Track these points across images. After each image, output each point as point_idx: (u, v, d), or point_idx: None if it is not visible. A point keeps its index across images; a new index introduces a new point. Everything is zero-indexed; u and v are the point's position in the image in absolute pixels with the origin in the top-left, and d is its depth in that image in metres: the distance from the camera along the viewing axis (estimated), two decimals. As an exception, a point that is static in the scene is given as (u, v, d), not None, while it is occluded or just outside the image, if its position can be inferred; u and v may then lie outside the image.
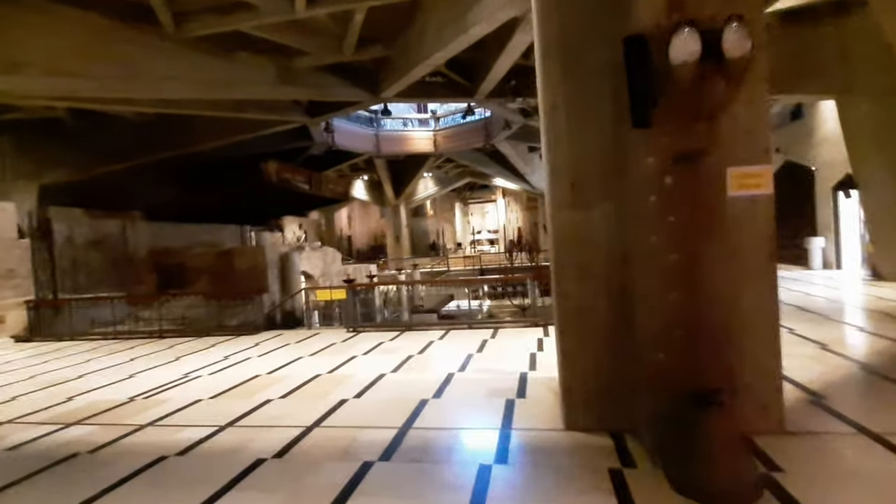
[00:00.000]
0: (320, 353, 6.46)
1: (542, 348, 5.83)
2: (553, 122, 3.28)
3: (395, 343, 6.80)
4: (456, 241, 33.36)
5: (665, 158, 2.59)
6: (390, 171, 23.14)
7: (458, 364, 5.29)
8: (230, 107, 11.74)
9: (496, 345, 6.23)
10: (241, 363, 6.14)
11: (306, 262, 17.38)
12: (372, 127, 19.76)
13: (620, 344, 3.10)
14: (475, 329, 7.37)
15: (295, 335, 7.95)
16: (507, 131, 16.98)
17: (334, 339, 7.29)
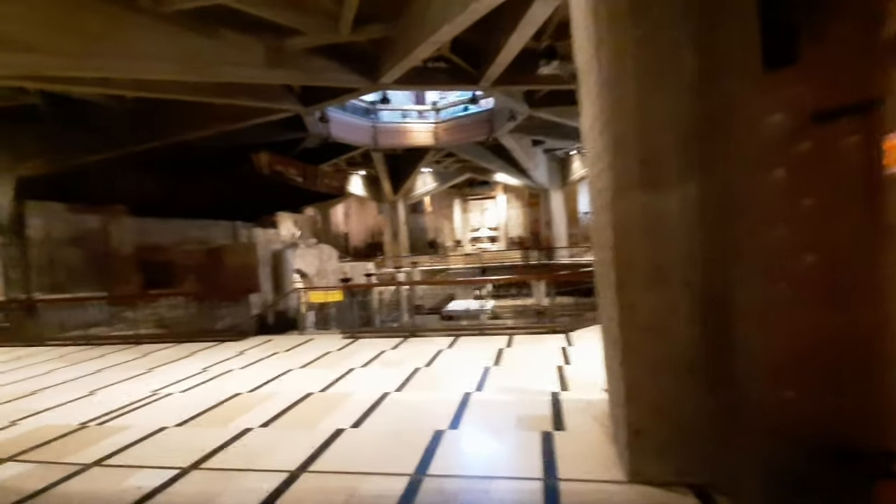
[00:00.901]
0: (313, 364, 5.66)
1: (569, 360, 5.06)
2: (615, 77, 2.49)
3: (398, 352, 6.01)
4: (455, 238, 32.58)
5: (801, 115, 1.81)
6: (388, 165, 22.30)
7: (474, 380, 4.51)
8: (216, 91, 10.89)
9: (514, 356, 5.45)
10: (220, 377, 5.33)
11: (301, 260, 16.56)
12: (369, 119, 18.92)
13: (710, 373, 2.33)
14: (487, 336, 6.59)
15: (285, 341, 7.14)
16: (512, 123, 16.19)
17: (329, 347, 6.49)
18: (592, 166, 3.02)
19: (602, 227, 2.74)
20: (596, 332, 6.84)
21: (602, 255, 2.87)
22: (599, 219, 2.82)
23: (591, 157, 3.08)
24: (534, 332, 6.52)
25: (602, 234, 2.78)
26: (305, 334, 7.53)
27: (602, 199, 2.67)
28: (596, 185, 2.90)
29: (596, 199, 2.92)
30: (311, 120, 14.33)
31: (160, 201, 15.03)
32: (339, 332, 7.19)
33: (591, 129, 3.00)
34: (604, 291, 2.92)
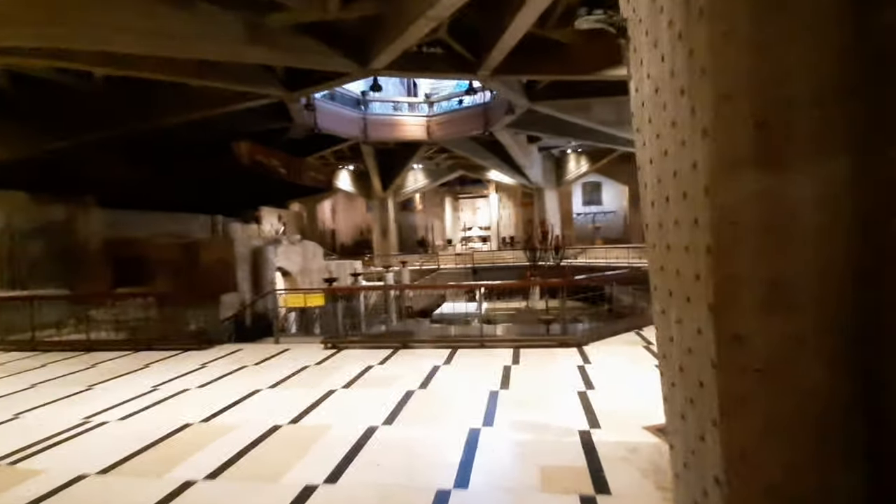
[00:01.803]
0: (286, 382, 4.80)
1: (591, 383, 4.27)
2: (718, 6, 1.68)
3: (388, 368, 5.17)
4: (446, 237, 31.75)
5: None
6: (378, 160, 21.36)
7: (481, 410, 3.70)
8: (192, 71, 9.91)
9: (524, 376, 4.65)
10: (172, 399, 4.44)
11: (283, 257, 15.57)
12: (359, 110, 17.99)
13: (854, 439, 1.56)
14: (489, 348, 5.79)
15: (257, 352, 6.25)
16: (510, 116, 15.39)
17: (307, 360, 5.62)
18: (658, 141, 2.21)
19: (680, 224, 1.93)
20: (613, 345, 6.11)
21: (672, 261, 2.06)
22: (674, 213, 2.02)
23: (655, 128, 2.28)
24: (542, 345, 5.73)
25: (679, 234, 1.97)
26: (282, 342, 6.65)
27: (684, 185, 1.86)
28: (664, 166, 2.09)
29: (665, 185, 2.11)
30: (296, 108, 13.38)
31: (134, 192, 13.97)
32: (319, 341, 6.32)
33: (657, 93, 2.19)
34: (675, 313, 2.11)
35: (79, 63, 9.11)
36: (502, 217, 31.72)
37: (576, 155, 23.82)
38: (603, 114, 15.61)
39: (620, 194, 30.37)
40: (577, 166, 24.18)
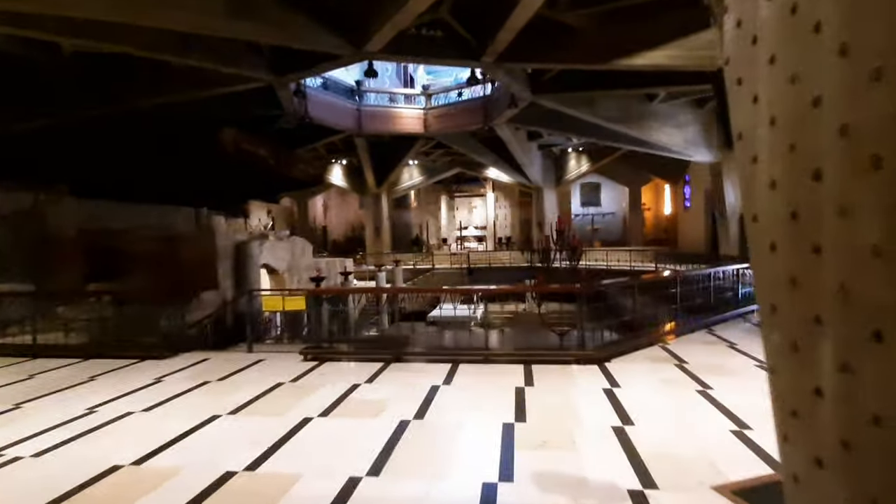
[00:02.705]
0: (252, 406, 3.96)
1: (628, 416, 3.47)
2: None
3: (377, 388, 4.35)
4: (441, 236, 30.93)
5: None
6: (372, 154, 20.46)
7: (494, 454, 2.90)
8: (171, 47, 9.01)
9: (542, 401, 3.84)
10: (108, 426, 3.60)
11: (269, 253, 14.68)
12: (353, 100, 17.11)
13: None
14: (494, 363, 4.98)
15: (226, 362, 5.40)
16: (512, 110, 14.60)
17: (282, 375, 4.78)
18: (793, 88, 1.41)
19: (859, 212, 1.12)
20: (638, 362, 4.86)
21: (832, 271, 1.25)
22: (846, 193, 1.21)
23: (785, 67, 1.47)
24: (556, 361, 4.94)
25: (855, 229, 1.17)
26: (256, 351, 5.80)
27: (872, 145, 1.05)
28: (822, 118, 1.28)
29: (809, 150, 1.31)
30: (286, 94, 12.48)
31: (113, 181, 13.03)
32: (299, 350, 5.46)
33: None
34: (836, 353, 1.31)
35: (41, 32, 8.17)
36: (499, 217, 30.97)
37: (576, 154, 23.09)
38: (608, 109, 14.89)
39: (619, 196, 29.73)
40: (578, 165, 23.46)
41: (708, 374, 4.39)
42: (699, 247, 19.98)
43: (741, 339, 5.82)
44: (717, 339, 5.93)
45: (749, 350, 5.24)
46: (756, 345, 5.47)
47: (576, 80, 12.61)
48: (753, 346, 5.43)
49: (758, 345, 5.74)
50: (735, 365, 4.72)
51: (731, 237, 17.02)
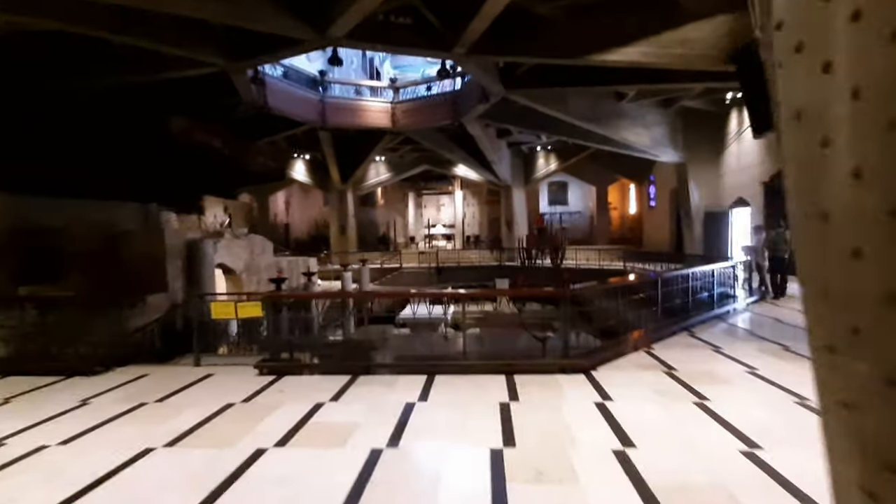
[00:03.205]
0: (195, 434, 3.37)
1: (627, 436, 3.11)
2: None
3: (343, 408, 3.84)
4: (408, 234, 30.37)
5: None
6: (337, 149, 19.66)
7: (483, 492, 2.47)
8: (107, 21, 8.09)
9: (531, 420, 3.44)
10: (14, 464, 2.95)
11: (226, 252, 13.77)
12: (316, 91, 16.29)
13: None
14: (473, 374, 4.56)
15: (168, 378, 4.74)
16: (483, 106, 14.25)
17: (233, 393, 4.19)
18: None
19: None
20: (626, 370, 4.50)
21: None
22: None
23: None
24: (540, 370, 4.57)
25: None
26: (205, 364, 5.15)
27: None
28: (877, 115, 0.91)
29: (883, 155, 0.93)
30: (242, 81, 11.63)
31: (49, 174, 11.78)
32: (254, 363, 4.85)
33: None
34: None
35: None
36: (467, 215, 30.69)
37: (545, 152, 23.05)
38: (579, 107, 14.82)
39: (586, 195, 30.03)
40: (546, 164, 23.43)
41: (701, 383, 4.13)
42: (664, 246, 20.32)
43: (723, 341, 5.65)
44: (699, 342, 5.74)
45: (734, 354, 5.05)
46: (739, 348, 5.29)
47: (548, 75, 12.40)
48: (736, 349, 5.25)
49: (741, 348, 5.63)
50: (726, 372, 4.49)
51: (696, 236, 17.33)
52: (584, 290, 5.23)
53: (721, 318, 7.09)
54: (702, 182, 16.97)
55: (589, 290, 5.25)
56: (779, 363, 4.70)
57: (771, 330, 6.15)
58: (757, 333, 6.01)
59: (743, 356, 4.94)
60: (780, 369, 4.48)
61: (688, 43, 9.03)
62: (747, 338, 5.84)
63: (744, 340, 5.71)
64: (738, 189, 15.72)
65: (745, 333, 6.07)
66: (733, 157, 16.00)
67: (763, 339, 5.68)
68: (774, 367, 4.53)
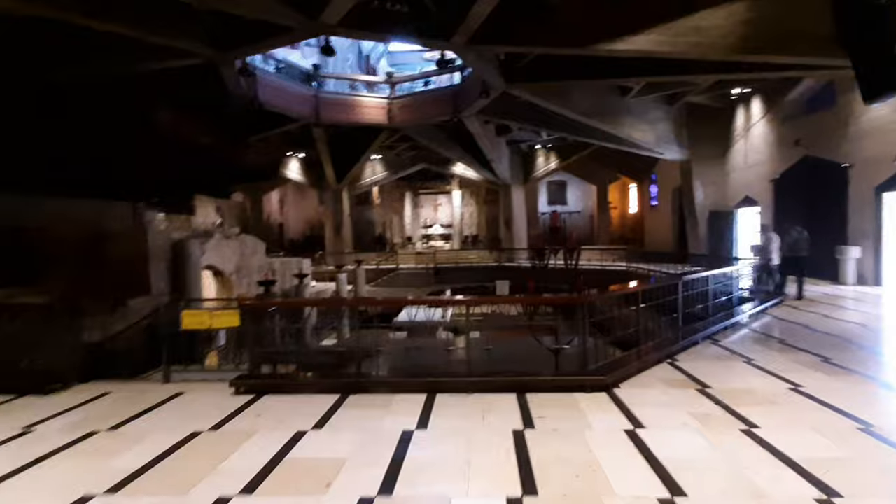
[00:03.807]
0: (147, 474, 2.79)
1: (672, 480, 2.55)
2: None
3: (328, 438, 3.27)
4: (405, 234, 29.78)
5: None
6: (331, 146, 19.05)
7: (503, 565, 1.90)
8: (83, 8, 7.49)
9: (552, 456, 2.88)
10: None
11: (215, 253, 13.15)
12: (310, 87, 15.66)
13: None
14: (479, 392, 3.99)
15: (130, 399, 4.16)
16: (483, 101, 13.69)
17: (202, 418, 3.61)
18: None
19: None
20: (652, 387, 3.88)
21: None
22: None
23: None
24: (554, 387, 4.01)
25: None
26: (176, 381, 4.57)
27: None
28: None
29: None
30: (230, 73, 11.03)
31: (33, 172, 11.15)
32: (230, 381, 4.26)
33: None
34: None
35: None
36: (465, 215, 30.13)
37: (545, 150, 22.52)
38: (582, 102, 14.26)
39: (586, 194, 29.52)
40: (546, 162, 22.90)
41: (742, 404, 3.58)
42: (666, 246, 19.81)
43: (753, 351, 5.11)
44: (727, 352, 5.20)
45: (770, 367, 4.50)
46: (773, 360, 4.75)
47: (551, 68, 11.83)
48: (771, 361, 4.71)
49: (775, 360, 4.82)
50: (766, 388, 3.94)
51: (701, 236, 16.82)
52: (604, 296, 4.67)
53: (743, 324, 6.56)
54: (707, 180, 16.47)
55: (608, 295, 4.70)
56: (823, 379, 4.16)
57: (803, 338, 5.62)
58: (788, 343, 5.47)
59: (781, 370, 4.40)
60: (826, 386, 3.95)
61: (702, 31, 8.47)
62: (779, 348, 5.30)
63: (776, 350, 5.16)
64: (745, 187, 15.22)
65: (775, 342, 5.52)
66: (740, 154, 15.49)
67: (797, 350, 5.14)
68: (820, 384, 3.99)
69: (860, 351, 5.21)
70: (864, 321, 6.71)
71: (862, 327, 6.28)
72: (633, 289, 4.78)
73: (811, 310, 7.53)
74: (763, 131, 14.28)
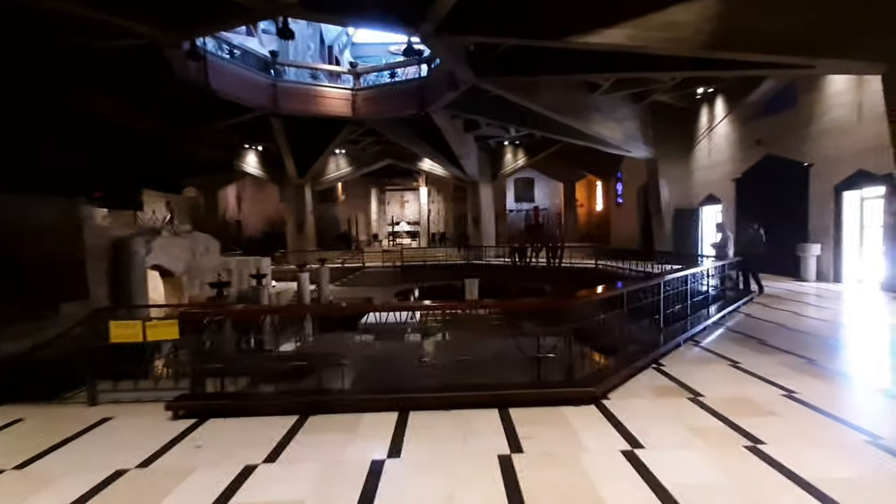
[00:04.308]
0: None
1: (682, 512, 2.21)
2: None
3: (281, 474, 2.76)
4: (371, 232, 29.05)
5: None
6: (292, 139, 18.13)
7: None
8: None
9: (545, 487, 2.49)
10: None
11: (163, 252, 12.15)
12: (267, 75, 14.74)
13: None
14: (457, 408, 3.57)
15: (47, 426, 3.50)
16: (451, 94, 13.26)
17: (129, 451, 3.03)
18: None
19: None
20: (643, 397, 3.45)
21: None
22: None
23: None
24: (539, 400, 3.64)
25: None
26: (104, 402, 3.91)
27: None
28: None
29: None
30: (177, 56, 10.07)
31: None
32: (166, 403, 3.64)
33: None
34: None
35: None
36: (432, 212, 29.70)
37: (513, 147, 22.37)
38: (551, 98, 14.08)
39: (553, 191, 29.64)
40: (514, 159, 22.77)
41: (740, 415, 3.33)
42: (632, 243, 20.03)
43: (737, 353, 4.92)
44: (710, 354, 5.00)
45: (759, 371, 4.30)
46: (759, 363, 4.56)
47: (522, 62, 11.54)
48: (757, 364, 4.51)
49: (761, 363, 4.40)
50: (762, 397, 3.71)
51: (666, 234, 17.04)
52: (589, 299, 4.34)
53: (719, 323, 6.44)
54: (672, 178, 16.68)
55: (593, 298, 4.37)
56: (816, 384, 3.98)
57: (782, 338, 5.51)
58: (770, 343, 5.33)
59: (770, 374, 4.20)
60: (822, 392, 3.76)
61: (675, 26, 8.33)
62: (761, 349, 5.15)
63: (760, 352, 5.00)
64: (708, 186, 15.50)
65: (757, 343, 5.38)
66: (704, 153, 15.75)
67: (780, 351, 5.00)
68: (815, 390, 3.80)
69: (843, 351, 5.14)
70: (835, 319, 6.74)
71: (836, 326, 6.28)
72: (619, 291, 4.48)
73: (781, 307, 7.54)
74: (726, 131, 14.53)
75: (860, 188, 10.07)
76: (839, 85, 10.38)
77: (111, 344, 3.77)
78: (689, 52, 8.82)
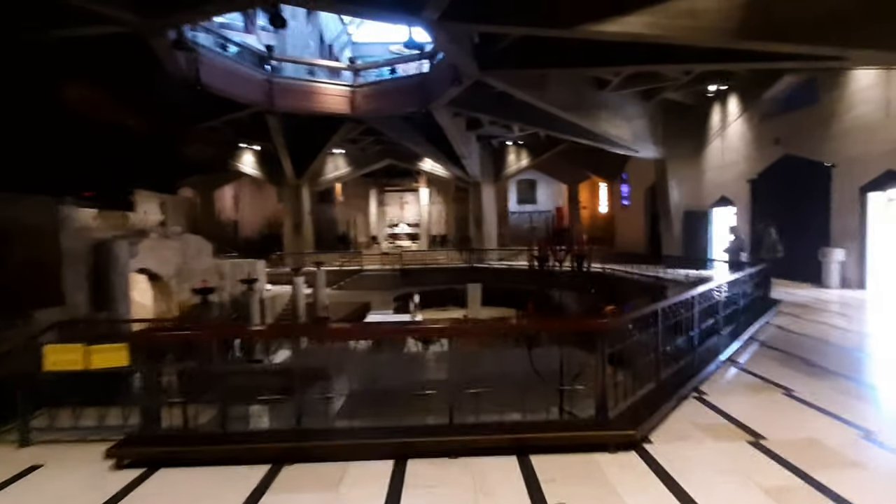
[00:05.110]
0: None
1: None
2: None
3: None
4: (370, 234, 28.40)
5: None
6: (289, 138, 17.50)
7: None
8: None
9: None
10: None
11: (151, 255, 11.51)
12: (263, 70, 14.14)
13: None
14: (467, 456, 2.91)
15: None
16: (455, 89, 12.63)
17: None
18: None
19: None
20: (695, 440, 2.54)
21: None
22: None
23: None
24: (569, 446, 2.98)
25: None
26: (38, 443, 3.24)
27: None
28: None
29: None
30: (162, 46, 9.42)
31: None
32: (106, 449, 2.96)
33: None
34: None
35: None
36: (433, 213, 29.05)
37: (516, 147, 21.74)
38: (558, 94, 13.45)
39: (556, 193, 28.96)
40: (517, 160, 22.14)
41: (817, 465, 2.68)
42: (638, 246, 19.37)
43: (784, 377, 4.27)
44: (755, 378, 4.34)
45: (816, 401, 3.65)
46: (814, 389, 3.90)
47: (530, 53, 10.89)
48: (812, 390, 3.86)
49: (816, 389, 3.54)
50: (833, 438, 3.06)
51: (675, 237, 16.39)
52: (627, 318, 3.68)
53: (754, 337, 5.79)
54: (682, 179, 16.03)
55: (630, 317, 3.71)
56: (892, 420, 3.34)
57: (831, 358, 4.86)
58: (817, 363, 4.68)
59: (833, 406, 3.55)
60: (905, 433, 3.11)
61: (699, 14, 7.68)
62: (811, 371, 4.50)
63: (810, 376, 4.35)
64: (720, 187, 14.84)
65: (802, 364, 4.73)
66: (716, 153, 15.10)
67: (834, 374, 4.35)
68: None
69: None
70: (881, 333, 6.10)
71: (888, 342, 5.65)
72: (654, 307, 3.83)
73: (813, 318, 6.89)
74: (740, 130, 13.88)
75: (887, 189, 9.43)
76: (865, 80, 9.74)
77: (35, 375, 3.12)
78: (712, 43, 8.18)
